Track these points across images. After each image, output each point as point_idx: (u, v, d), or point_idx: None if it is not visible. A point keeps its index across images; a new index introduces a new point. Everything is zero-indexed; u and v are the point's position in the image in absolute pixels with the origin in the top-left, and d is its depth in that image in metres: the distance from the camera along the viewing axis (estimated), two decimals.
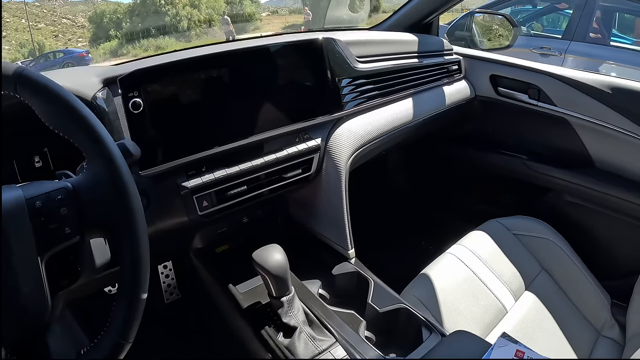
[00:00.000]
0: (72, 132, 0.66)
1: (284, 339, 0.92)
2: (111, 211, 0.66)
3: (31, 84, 0.63)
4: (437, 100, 1.55)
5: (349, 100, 1.22)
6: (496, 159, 1.77)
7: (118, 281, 0.66)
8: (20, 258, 0.59)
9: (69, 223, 0.64)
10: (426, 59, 1.54)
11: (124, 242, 0.66)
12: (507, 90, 1.66)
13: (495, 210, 1.49)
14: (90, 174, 0.67)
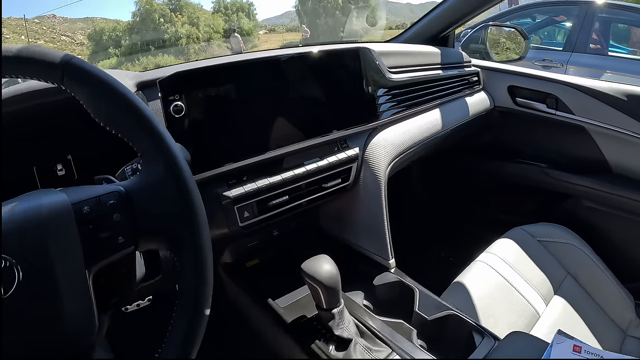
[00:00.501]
0: (128, 129, 0.59)
1: (337, 352, 0.89)
2: (172, 219, 0.60)
3: (81, 74, 0.57)
4: (461, 110, 1.58)
5: (385, 109, 1.23)
6: (515, 168, 1.80)
7: (179, 295, 0.59)
8: (64, 273, 0.53)
9: (123, 231, 0.57)
10: (448, 71, 1.57)
11: (186, 254, 0.59)
12: (525, 101, 1.69)
13: (516, 218, 1.50)
14: (147, 177, 0.60)
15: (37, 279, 0.51)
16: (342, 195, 1.21)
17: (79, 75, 0.57)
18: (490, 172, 1.89)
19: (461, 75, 1.62)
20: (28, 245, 0.51)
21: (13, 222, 0.51)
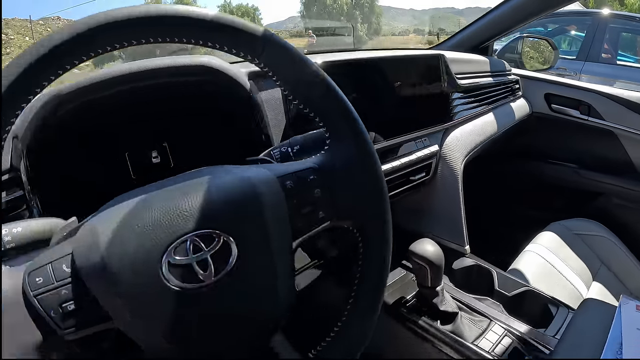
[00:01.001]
0: (318, 105, 0.58)
1: (445, 326, 0.94)
2: (363, 198, 0.60)
3: (280, 49, 0.55)
4: (509, 115, 1.72)
5: (457, 111, 1.37)
6: (550, 169, 1.94)
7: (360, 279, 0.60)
8: (277, 248, 0.51)
9: (323, 207, 0.57)
10: (496, 78, 1.71)
11: (374, 237, 0.60)
12: (560, 107, 1.84)
13: (553, 214, 1.62)
14: (336, 157, 0.59)
15: (254, 254, 0.49)
16: (420, 189, 1.29)
17: (279, 50, 0.55)
18: (527, 172, 2.02)
19: (505, 83, 1.76)
20: (244, 220, 0.50)
21: (224, 194, 0.50)
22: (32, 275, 0.45)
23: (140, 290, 0.45)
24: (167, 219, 0.46)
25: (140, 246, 0.45)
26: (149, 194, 0.49)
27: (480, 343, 0.89)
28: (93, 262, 0.44)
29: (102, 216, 0.48)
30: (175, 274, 0.45)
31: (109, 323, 0.46)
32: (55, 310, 0.44)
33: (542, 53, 2.27)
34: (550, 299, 1.04)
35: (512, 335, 0.91)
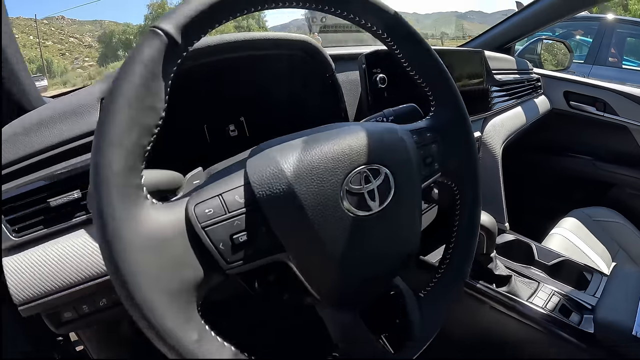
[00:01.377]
0: (430, 77, 0.66)
1: (500, 288, 1.02)
2: (463, 155, 0.68)
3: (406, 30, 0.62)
4: (534, 109, 1.85)
5: (494, 102, 1.50)
6: (568, 162, 2.08)
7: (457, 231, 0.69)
8: (418, 188, 0.59)
9: (438, 159, 0.64)
10: (521, 75, 1.85)
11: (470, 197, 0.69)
12: (577, 104, 1.98)
13: (572, 203, 1.74)
14: (441, 117, 0.67)
15: (405, 189, 0.56)
16: None
17: (405, 31, 0.62)
18: (548, 164, 2.16)
19: (529, 80, 1.89)
20: (398, 159, 0.57)
21: (381, 137, 0.56)
22: (199, 207, 0.46)
23: (323, 215, 0.49)
24: (343, 153, 0.52)
25: (322, 174, 0.50)
26: (311, 135, 0.54)
27: (533, 301, 1.00)
28: (279, 190, 0.48)
29: (271, 153, 0.51)
30: (351, 201, 0.51)
31: (279, 255, 0.50)
32: (224, 242, 0.46)
33: (555, 55, 2.40)
34: (585, 266, 1.15)
35: (558, 295, 1.02)
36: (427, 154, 0.63)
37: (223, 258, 0.46)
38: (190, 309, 0.44)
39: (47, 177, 0.72)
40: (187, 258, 0.45)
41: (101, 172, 0.39)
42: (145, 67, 0.42)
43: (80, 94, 0.84)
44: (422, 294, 0.64)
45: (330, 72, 0.99)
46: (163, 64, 0.43)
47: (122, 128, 0.40)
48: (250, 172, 0.49)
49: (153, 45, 0.43)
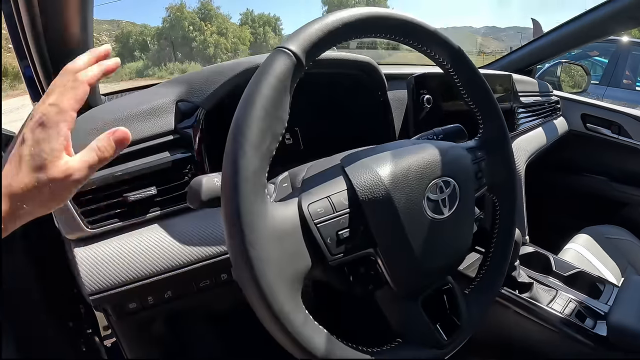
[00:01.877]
0: (480, 102, 0.74)
1: (523, 294, 1.08)
2: (506, 172, 0.78)
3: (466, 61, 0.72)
4: (554, 130, 1.94)
5: (520, 122, 1.61)
6: (584, 180, 2.17)
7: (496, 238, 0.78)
8: (463, 213, 0.67)
9: (486, 174, 0.74)
10: (543, 98, 1.94)
11: (509, 208, 0.79)
12: (594, 126, 2.07)
13: (586, 220, 1.79)
14: (488, 137, 0.77)
15: (466, 198, 0.66)
16: None
17: (465, 62, 0.72)
18: (564, 183, 2.24)
19: (549, 102, 1.99)
20: (463, 173, 0.67)
21: (451, 154, 0.67)
22: (312, 206, 0.55)
23: (410, 217, 0.59)
24: (425, 166, 0.62)
25: (411, 184, 0.60)
26: (398, 150, 0.64)
27: (552, 306, 1.07)
28: (379, 195, 0.57)
29: (369, 162, 0.61)
30: (430, 207, 0.61)
31: (371, 250, 0.58)
32: (331, 237, 0.55)
33: (573, 78, 2.51)
34: (598, 277, 1.22)
35: (574, 302, 1.09)
36: (478, 169, 0.73)
37: (329, 251, 0.55)
38: (298, 295, 0.51)
39: (124, 172, 0.78)
40: (301, 249, 0.53)
41: (241, 172, 0.47)
42: (279, 81, 0.50)
43: (146, 95, 0.93)
44: (467, 291, 0.74)
45: (383, 91, 1.08)
46: (290, 80, 0.52)
47: (259, 135, 0.49)
48: (353, 179, 0.58)
49: (284, 63, 0.51)
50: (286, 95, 0.52)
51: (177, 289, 0.81)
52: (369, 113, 1.11)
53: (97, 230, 0.76)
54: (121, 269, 0.75)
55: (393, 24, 0.62)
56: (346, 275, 0.62)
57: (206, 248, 0.80)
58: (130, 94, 1.08)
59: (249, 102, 0.49)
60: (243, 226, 0.47)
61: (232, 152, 0.48)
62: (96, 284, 0.73)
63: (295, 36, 0.54)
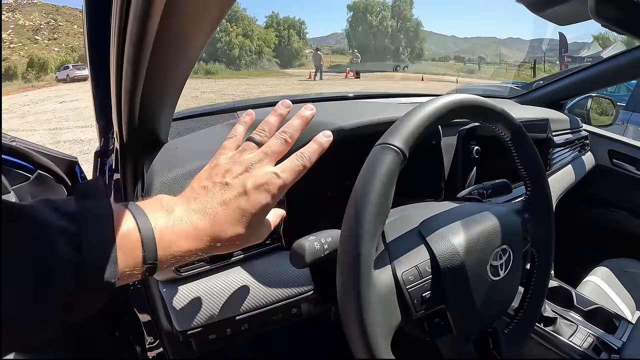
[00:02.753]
0: (530, 170, 0.85)
1: (547, 327, 1.17)
2: (546, 231, 0.89)
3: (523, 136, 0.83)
4: (582, 166, 2.02)
5: (553, 163, 1.72)
6: (606, 214, 2.24)
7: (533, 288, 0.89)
8: (514, 275, 0.80)
9: (531, 234, 0.85)
10: (574, 134, 2.03)
11: (546, 261, 0.90)
12: (619, 162, 2.15)
13: (606, 254, 1.86)
14: (533, 200, 0.88)
15: (517, 261, 0.80)
16: None
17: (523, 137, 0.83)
18: (587, 216, 2.31)
19: (579, 139, 2.07)
20: (515, 239, 0.80)
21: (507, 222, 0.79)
22: (404, 274, 0.67)
23: (477, 280, 0.72)
24: (489, 236, 0.75)
25: (478, 254, 0.73)
26: (466, 220, 0.76)
27: (572, 340, 1.15)
28: (456, 264, 0.70)
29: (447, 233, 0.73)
30: (491, 271, 0.75)
31: (443, 305, 0.71)
32: (417, 298, 0.67)
33: (604, 110, 2.58)
34: (615, 314, 1.29)
35: (592, 337, 1.17)
36: (525, 229, 0.84)
37: (414, 309, 0.67)
38: (388, 345, 0.62)
39: None
40: (395, 309, 0.66)
41: (362, 260, 0.58)
42: (388, 178, 0.61)
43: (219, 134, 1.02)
44: (506, 331, 0.86)
45: (438, 140, 1.17)
46: (396, 174, 0.62)
47: (374, 224, 0.59)
48: (434, 249, 0.71)
49: (392, 161, 0.61)
50: (392, 188, 0.62)
51: (252, 323, 0.88)
52: (422, 159, 1.19)
53: (185, 273, 0.83)
54: (209, 308, 0.83)
55: (468, 108, 0.74)
56: (424, 326, 0.74)
57: (283, 290, 0.89)
58: (203, 130, 1.16)
59: (364, 201, 0.60)
60: (360, 297, 0.58)
61: (354, 234, 0.59)
62: (186, 322, 0.81)
63: (397, 132, 0.64)
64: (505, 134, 0.81)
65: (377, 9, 63.48)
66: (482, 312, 0.75)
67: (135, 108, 0.75)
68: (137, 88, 0.68)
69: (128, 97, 0.71)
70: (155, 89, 0.71)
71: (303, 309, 0.93)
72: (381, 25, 61.67)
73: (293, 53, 50.46)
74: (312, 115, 0.65)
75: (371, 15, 62.18)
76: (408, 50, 62.09)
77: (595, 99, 2.47)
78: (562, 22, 1.00)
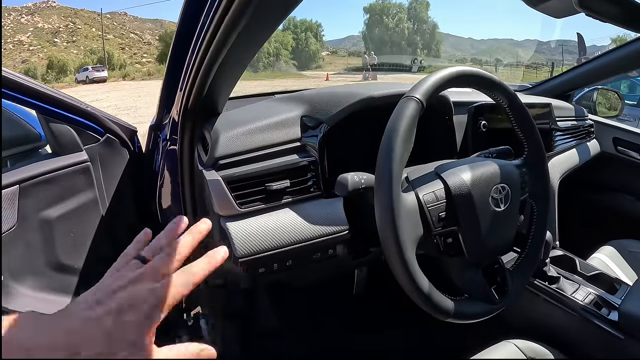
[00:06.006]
0: (527, 132, 1.00)
1: (552, 285, 1.29)
2: (542, 185, 1.03)
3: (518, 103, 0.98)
4: (586, 152, 2.14)
5: (556, 145, 1.86)
6: (612, 198, 2.35)
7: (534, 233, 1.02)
8: (512, 210, 0.94)
9: (529, 185, 0.99)
10: (578, 122, 2.16)
11: (543, 211, 1.03)
12: (624, 149, 2.27)
13: (613, 236, 1.92)
14: (531, 158, 1.02)
15: (515, 200, 0.95)
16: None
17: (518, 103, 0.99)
18: (594, 199, 2.42)
19: (584, 126, 2.20)
20: (513, 182, 0.94)
21: (506, 167, 0.95)
22: (424, 197, 0.85)
23: (481, 208, 0.89)
24: (491, 175, 0.91)
25: (481, 187, 0.89)
26: (472, 164, 0.93)
27: (575, 296, 1.26)
28: (464, 193, 0.88)
29: (457, 171, 0.90)
30: (493, 203, 0.90)
31: (455, 227, 0.88)
32: (435, 216, 0.85)
33: (610, 101, 2.67)
34: (615, 279, 1.40)
35: (593, 294, 1.27)
36: (523, 181, 0.99)
37: (433, 224, 0.85)
38: (413, 251, 0.80)
39: (266, 169, 1.05)
40: (418, 222, 0.84)
41: (393, 177, 0.77)
42: (412, 119, 0.82)
43: (271, 108, 1.22)
44: (511, 268, 1.00)
45: (450, 116, 1.34)
46: (417, 118, 0.82)
47: (400, 155, 0.79)
48: (447, 181, 0.89)
49: (414, 107, 0.82)
50: (413, 129, 0.82)
51: (296, 259, 1.05)
52: (438, 134, 1.37)
53: (245, 209, 1.02)
54: (263, 240, 0.99)
55: (471, 77, 0.93)
56: (438, 244, 0.91)
57: (323, 227, 1.06)
58: (255, 103, 1.39)
59: (394, 134, 0.80)
60: (393, 210, 0.76)
61: (386, 161, 0.78)
62: (244, 250, 0.98)
63: (418, 88, 0.85)
64: (502, 100, 0.98)
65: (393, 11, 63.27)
66: (487, 240, 0.91)
67: (207, 82, 0.97)
68: (213, 68, 0.92)
69: (206, 72, 0.93)
70: (226, 69, 0.95)
71: (338, 251, 1.10)
72: (397, 27, 61.49)
73: (310, 55, 50.81)
74: (207, 230, 0.59)
75: (387, 18, 62.02)
76: (425, 52, 61.72)
77: (602, 91, 2.59)
78: (558, 15, 1.07)
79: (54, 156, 1.37)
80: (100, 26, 66.57)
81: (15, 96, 1.16)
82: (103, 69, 40.99)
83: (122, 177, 1.51)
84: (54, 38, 65.86)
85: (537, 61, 52.19)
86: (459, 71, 0.90)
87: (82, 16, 74.39)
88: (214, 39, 0.83)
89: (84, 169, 1.38)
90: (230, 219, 1.01)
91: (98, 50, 54.78)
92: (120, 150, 1.51)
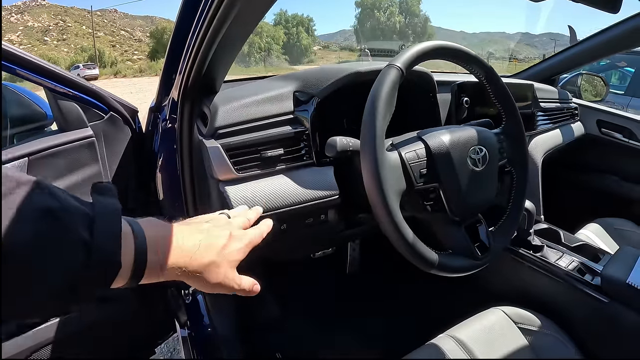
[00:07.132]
0: (505, 104, 1.07)
1: (536, 254, 1.34)
2: (520, 151, 1.09)
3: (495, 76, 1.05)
4: (570, 133, 2.21)
5: (538, 124, 1.94)
6: (597, 178, 2.42)
7: (513, 198, 1.08)
8: (491, 171, 0.99)
9: (507, 151, 1.06)
10: (562, 104, 2.23)
11: (522, 177, 1.09)
12: (608, 131, 2.33)
13: (598, 215, 1.97)
14: (508, 126, 1.09)
15: (492, 162, 1.00)
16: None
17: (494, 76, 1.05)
18: (580, 180, 2.49)
19: (568, 108, 2.27)
20: (490, 145, 1.00)
21: (484, 132, 1.02)
22: (406, 155, 0.90)
23: (460, 166, 0.94)
24: (469, 138, 0.97)
25: (459, 148, 0.95)
26: (452, 128, 1.00)
27: (559, 263, 1.30)
28: (443, 152, 0.93)
29: (436, 134, 0.96)
30: (471, 162, 0.96)
31: (437, 184, 0.93)
32: (417, 172, 0.90)
33: (595, 87, 2.76)
34: (599, 248, 1.44)
35: (577, 262, 1.31)
36: (501, 147, 1.05)
37: (415, 179, 0.90)
38: (397, 203, 0.84)
39: (261, 137, 1.12)
40: (400, 176, 0.89)
41: (377, 134, 0.82)
42: (393, 84, 0.87)
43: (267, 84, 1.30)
44: (492, 230, 1.06)
45: (434, 93, 1.40)
46: (398, 84, 0.88)
47: (384, 114, 0.85)
48: (428, 141, 0.95)
49: (395, 75, 0.87)
50: (394, 95, 0.88)
51: (290, 223, 1.11)
52: (422, 109, 1.43)
53: (242, 174, 1.08)
54: (259, 202, 1.05)
55: (449, 50, 0.99)
56: (422, 200, 0.97)
57: (315, 191, 1.12)
58: (250, 83, 1.47)
59: (377, 97, 0.85)
60: (377, 163, 0.81)
61: (370, 121, 0.83)
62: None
63: (399, 57, 0.91)
64: (480, 74, 1.04)
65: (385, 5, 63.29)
66: (467, 197, 0.96)
67: (207, 60, 1.05)
68: (213, 46, 1.00)
69: (206, 50, 1.02)
70: (225, 47, 1.03)
71: (330, 216, 1.17)
72: (389, 22, 61.51)
73: (302, 50, 50.72)
74: (267, 230, 0.77)
75: (379, 12, 62.04)
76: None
77: (586, 76, 2.66)
78: None
79: (60, 132, 1.43)
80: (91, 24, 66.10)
81: (30, 74, 1.23)
82: (94, 67, 40.88)
83: (124, 154, 1.57)
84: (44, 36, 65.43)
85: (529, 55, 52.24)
86: (438, 44, 0.96)
87: (72, 14, 73.79)
88: (214, 18, 0.90)
89: (90, 143, 1.43)
90: (229, 183, 1.07)
91: (89, 48, 54.45)
92: (123, 127, 1.57)
